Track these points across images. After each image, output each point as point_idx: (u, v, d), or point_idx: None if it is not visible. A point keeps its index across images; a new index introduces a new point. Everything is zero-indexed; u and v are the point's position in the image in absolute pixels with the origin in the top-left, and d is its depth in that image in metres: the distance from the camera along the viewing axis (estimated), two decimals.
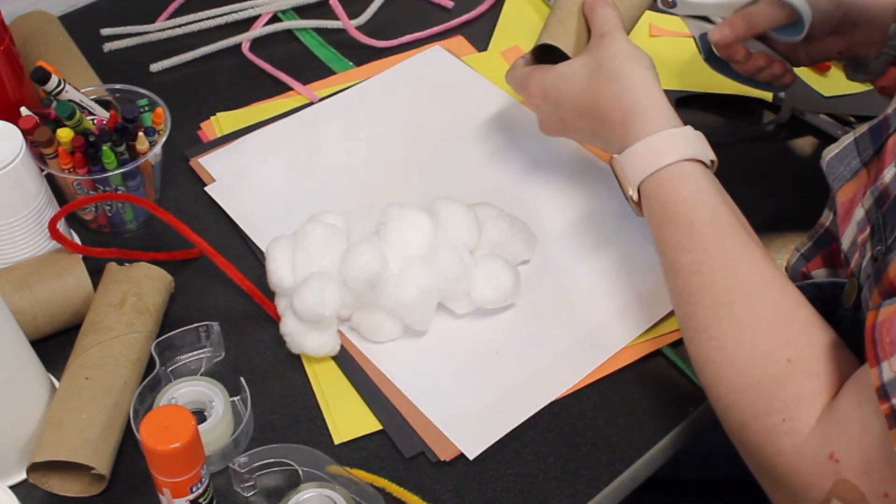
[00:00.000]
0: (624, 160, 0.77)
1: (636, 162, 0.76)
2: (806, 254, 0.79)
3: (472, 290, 0.79)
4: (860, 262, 0.66)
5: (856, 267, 0.67)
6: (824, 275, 0.77)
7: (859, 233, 0.67)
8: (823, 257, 0.79)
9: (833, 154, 0.72)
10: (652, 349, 0.80)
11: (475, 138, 0.96)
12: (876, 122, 0.69)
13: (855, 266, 0.67)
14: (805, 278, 0.79)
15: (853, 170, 0.70)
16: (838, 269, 0.77)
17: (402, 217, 0.80)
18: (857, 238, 0.67)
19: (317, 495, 0.69)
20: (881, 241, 0.63)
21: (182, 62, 1.04)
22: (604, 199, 0.90)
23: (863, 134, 0.70)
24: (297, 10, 1.10)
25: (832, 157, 0.72)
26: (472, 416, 0.75)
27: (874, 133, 0.69)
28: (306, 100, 1.00)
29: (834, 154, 0.71)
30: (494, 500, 0.71)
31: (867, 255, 0.65)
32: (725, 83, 0.97)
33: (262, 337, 0.81)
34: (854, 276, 0.68)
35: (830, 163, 0.72)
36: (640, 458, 0.74)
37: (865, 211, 0.66)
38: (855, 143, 0.71)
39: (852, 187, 0.70)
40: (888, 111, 0.68)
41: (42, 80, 0.83)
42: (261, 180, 0.92)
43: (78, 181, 0.83)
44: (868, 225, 0.65)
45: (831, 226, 0.78)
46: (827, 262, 0.78)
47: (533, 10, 1.12)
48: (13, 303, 0.75)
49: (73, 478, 0.71)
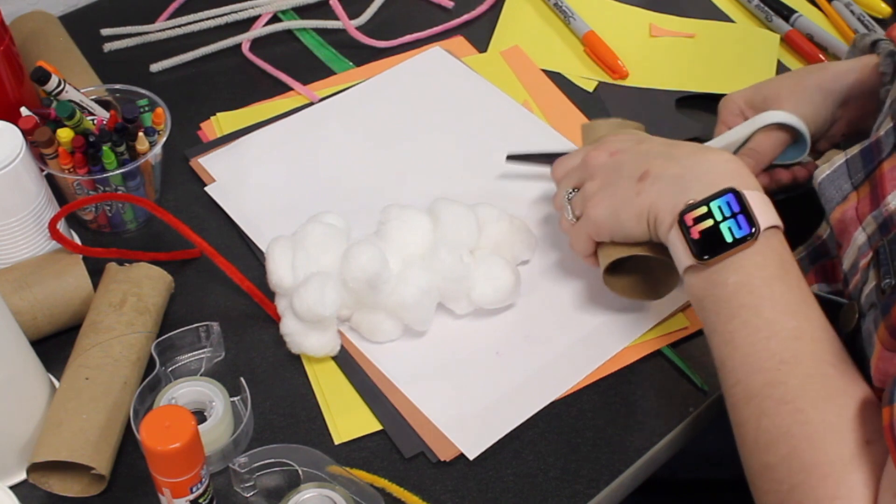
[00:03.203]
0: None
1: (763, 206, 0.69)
2: (802, 263, 0.79)
3: (472, 291, 0.79)
4: (860, 286, 0.66)
5: (854, 289, 0.67)
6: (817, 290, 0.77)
7: (861, 256, 0.67)
8: (816, 272, 0.79)
9: (824, 176, 0.71)
10: (652, 349, 0.80)
11: (475, 138, 0.96)
12: (867, 144, 0.69)
13: (854, 288, 0.67)
14: None
15: (843, 194, 0.70)
16: (832, 283, 0.77)
17: (402, 217, 0.80)
18: (858, 261, 0.67)
19: (317, 495, 0.69)
20: (889, 273, 0.62)
21: (182, 62, 1.04)
22: None
23: (854, 157, 0.70)
24: (297, 10, 1.10)
25: (823, 179, 0.71)
26: (472, 416, 0.75)
27: (865, 156, 0.69)
28: (306, 100, 1.00)
29: (825, 176, 0.71)
30: (494, 500, 0.71)
31: (870, 283, 0.65)
32: (725, 83, 0.97)
33: (262, 337, 0.81)
34: (853, 300, 0.67)
35: (822, 184, 0.72)
36: (640, 458, 0.74)
37: (868, 236, 0.66)
38: (846, 165, 0.71)
39: (842, 209, 0.70)
40: (880, 133, 0.68)
41: (42, 80, 0.83)
42: (261, 180, 0.92)
43: (78, 181, 0.83)
44: (870, 250, 0.66)
45: (828, 239, 0.78)
46: (821, 276, 0.78)
47: (533, 9, 1.12)
48: (13, 303, 0.75)
49: (73, 478, 0.71)
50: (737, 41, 1.09)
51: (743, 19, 1.12)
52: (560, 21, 1.10)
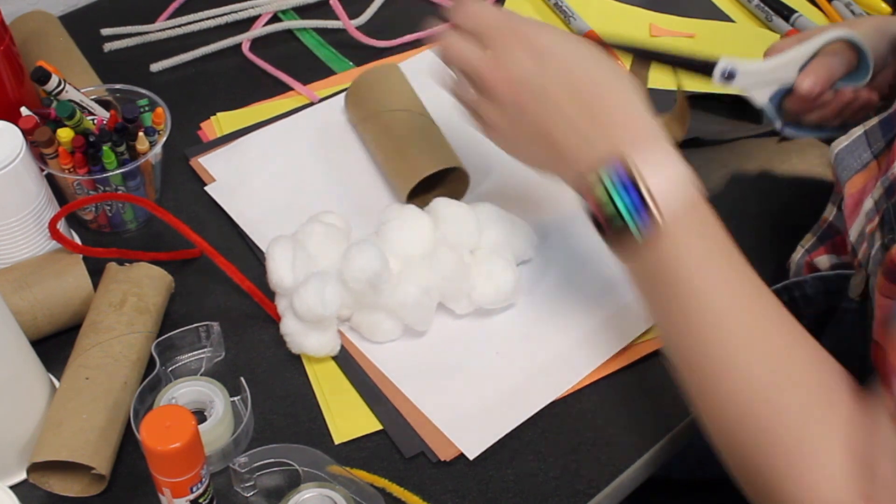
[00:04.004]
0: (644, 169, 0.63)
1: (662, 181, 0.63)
2: (810, 249, 0.79)
3: (473, 290, 0.79)
4: (868, 252, 0.66)
5: (863, 257, 0.67)
6: (827, 261, 0.77)
7: (868, 223, 0.66)
8: (826, 247, 0.78)
9: (843, 146, 0.71)
10: (652, 349, 0.80)
11: (474, 139, 0.96)
12: (887, 114, 0.69)
13: (863, 256, 0.67)
14: (811, 269, 0.79)
15: (863, 162, 0.70)
16: (842, 255, 0.77)
17: (402, 217, 0.80)
18: (865, 228, 0.67)
19: (317, 495, 0.69)
20: (892, 230, 0.62)
21: (182, 62, 1.04)
22: None
23: (873, 126, 0.70)
24: (297, 10, 1.10)
25: (841, 150, 0.71)
26: (472, 416, 0.75)
27: (885, 126, 0.69)
28: (306, 100, 1.00)
29: (843, 146, 0.71)
30: (494, 500, 0.71)
31: (876, 245, 0.64)
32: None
33: (262, 337, 0.81)
34: (861, 267, 0.67)
35: (839, 155, 0.71)
36: (640, 458, 0.74)
37: (875, 201, 0.66)
38: (865, 135, 0.70)
39: (861, 179, 0.69)
40: None
41: (42, 80, 0.83)
42: (261, 180, 0.92)
43: (78, 181, 0.83)
44: (877, 215, 0.65)
45: (835, 220, 0.78)
46: (829, 249, 0.78)
47: (533, 9, 1.12)
48: (13, 303, 0.75)
49: (73, 478, 0.71)
50: (737, 41, 1.09)
51: (743, 19, 1.12)
52: (560, 21, 1.10)
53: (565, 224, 0.89)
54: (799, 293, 0.76)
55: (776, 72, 0.82)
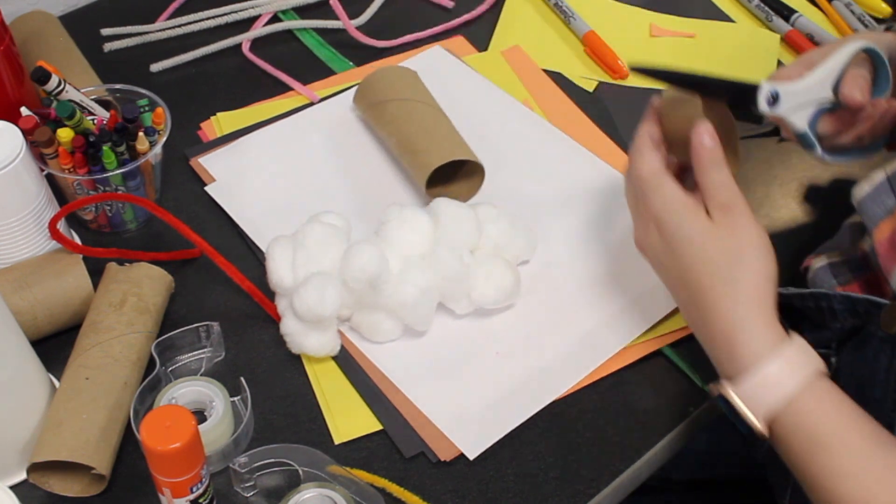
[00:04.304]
0: (744, 392, 0.66)
1: (758, 394, 0.65)
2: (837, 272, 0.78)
3: (473, 291, 0.79)
4: None
5: None
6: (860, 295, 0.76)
7: None
8: (861, 284, 0.77)
9: (865, 194, 0.70)
10: (652, 349, 0.80)
11: (475, 138, 0.96)
12: None
13: None
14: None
15: (888, 209, 0.69)
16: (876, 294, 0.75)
17: (402, 217, 0.80)
18: None
19: (317, 495, 0.69)
20: None
21: (182, 62, 1.04)
22: (605, 198, 0.90)
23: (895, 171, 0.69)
24: (297, 10, 1.10)
25: (864, 198, 0.70)
26: (472, 416, 0.75)
27: None
28: (306, 100, 1.00)
29: (866, 194, 0.70)
30: (494, 500, 0.71)
31: None
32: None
33: (262, 337, 0.81)
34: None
35: (863, 203, 0.70)
36: (640, 458, 0.74)
37: None
38: (888, 181, 0.69)
39: (889, 226, 0.68)
40: None
41: (42, 80, 0.83)
42: (261, 180, 0.92)
43: (78, 181, 0.83)
44: None
45: (871, 254, 0.76)
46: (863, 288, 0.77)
47: (533, 9, 1.12)
48: (13, 303, 0.75)
49: (73, 478, 0.71)
50: (737, 41, 1.09)
51: (743, 19, 1.12)
52: (560, 21, 1.10)
53: (565, 225, 0.89)
54: (826, 304, 0.75)
55: (812, 91, 0.76)
